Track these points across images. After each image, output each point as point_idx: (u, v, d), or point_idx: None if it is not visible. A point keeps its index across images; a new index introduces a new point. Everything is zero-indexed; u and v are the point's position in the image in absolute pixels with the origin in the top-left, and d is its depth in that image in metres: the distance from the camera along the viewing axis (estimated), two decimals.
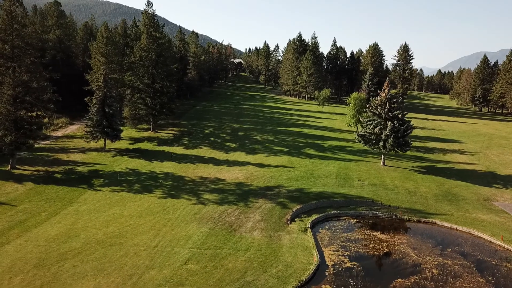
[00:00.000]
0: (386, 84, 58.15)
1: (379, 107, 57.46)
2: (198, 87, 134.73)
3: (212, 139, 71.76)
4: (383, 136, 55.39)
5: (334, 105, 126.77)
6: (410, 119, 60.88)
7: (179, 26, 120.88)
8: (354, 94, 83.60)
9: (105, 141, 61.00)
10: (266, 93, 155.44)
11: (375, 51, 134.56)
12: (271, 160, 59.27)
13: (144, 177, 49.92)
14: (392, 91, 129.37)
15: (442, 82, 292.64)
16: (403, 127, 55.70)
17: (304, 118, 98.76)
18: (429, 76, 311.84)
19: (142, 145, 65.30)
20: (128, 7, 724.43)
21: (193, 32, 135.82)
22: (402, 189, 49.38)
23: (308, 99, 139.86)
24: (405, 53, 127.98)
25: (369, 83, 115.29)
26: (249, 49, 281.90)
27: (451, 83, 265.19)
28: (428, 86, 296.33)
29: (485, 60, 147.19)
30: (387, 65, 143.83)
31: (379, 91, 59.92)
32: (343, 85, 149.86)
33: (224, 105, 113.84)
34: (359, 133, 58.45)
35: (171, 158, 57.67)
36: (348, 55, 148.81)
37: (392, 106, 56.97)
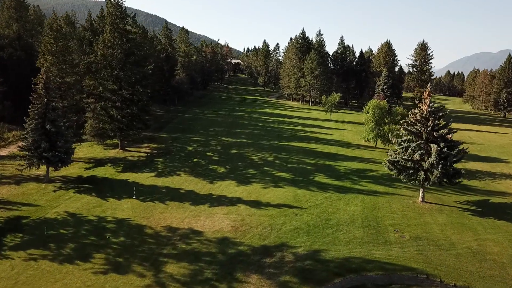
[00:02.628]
0: (427, 93, 42.63)
1: (418, 124, 41.95)
2: (189, 90, 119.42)
3: (195, 160, 56.24)
4: (426, 165, 39.86)
5: (342, 111, 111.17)
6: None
7: (165, 20, 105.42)
8: (373, 102, 68.26)
9: (47, 168, 45.49)
10: (266, 96, 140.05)
11: (389, 50, 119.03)
12: (271, 195, 43.74)
13: (86, 229, 34.40)
14: (412, 94, 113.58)
15: (451, 84, 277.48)
16: (453, 152, 40.23)
17: (310, 129, 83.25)
18: (437, 77, 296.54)
19: (102, 171, 49.78)
20: (128, 7, 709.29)
21: (182, 28, 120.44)
22: (462, 246, 33.84)
23: (313, 104, 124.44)
24: (423, 52, 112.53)
25: (384, 87, 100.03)
26: (248, 48, 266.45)
27: (461, 85, 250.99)
28: (436, 87, 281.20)
29: (509, 60, 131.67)
30: (401, 66, 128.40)
31: (418, 102, 44.35)
32: (350, 88, 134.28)
33: (216, 112, 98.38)
34: (391, 159, 42.86)
35: (133, 194, 42.17)
36: (357, 54, 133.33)
37: (437, 122, 41.50)
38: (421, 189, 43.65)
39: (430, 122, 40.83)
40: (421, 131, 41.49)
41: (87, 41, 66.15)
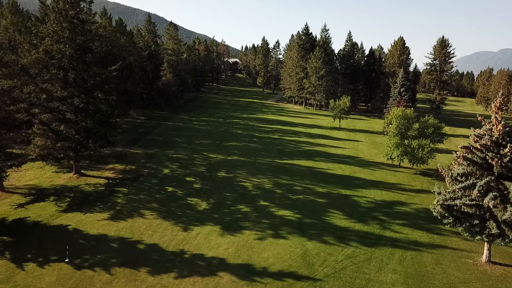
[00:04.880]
0: (497, 105, 29.15)
1: (486, 151, 28.53)
2: (178, 93, 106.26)
3: (170, 189, 42.82)
4: (505, 215, 26.41)
5: (351, 116, 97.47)
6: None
7: (149, 13, 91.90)
8: (397, 111, 54.83)
9: None
10: (264, 99, 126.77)
11: (403, 48, 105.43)
12: (269, 253, 30.31)
13: None
14: (429, 96, 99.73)
15: (459, 84, 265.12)
16: None
17: (317, 140, 69.91)
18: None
19: (38, 210, 36.38)
20: (126, 6, 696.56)
21: (171, 23, 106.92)
22: None
23: (317, 108, 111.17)
24: (443, 49, 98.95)
25: (401, 90, 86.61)
26: (246, 47, 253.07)
27: (471, 85, 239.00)
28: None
29: None
30: (416, 65, 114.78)
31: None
32: (359, 89, 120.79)
33: (207, 119, 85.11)
34: (445, 202, 29.38)
35: (66, 255, 28.74)
36: (366, 52, 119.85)
37: None
38: (486, 244, 30.24)
39: (507, 150, 27.37)
40: (492, 162, 28.04)
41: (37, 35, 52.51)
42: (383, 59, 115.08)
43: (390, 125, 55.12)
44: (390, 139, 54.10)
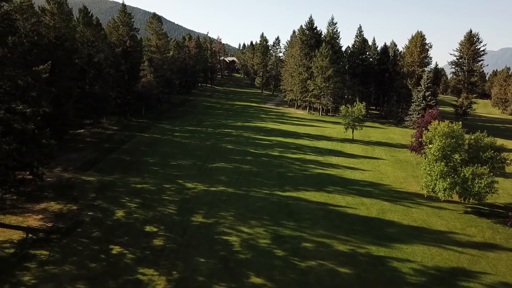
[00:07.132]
0: None
1: None
2: (162, 96, 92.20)
3: (115, 250, 28.44)
4: None
5: (364, 124, 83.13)
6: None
7: (123, 3, 77.32)
8: (440, 126, 40.37)
9: None
10: (263, 102, 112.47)
11: (423, 45, 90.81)
12: None
13: None
14: (455, 100, 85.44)
15: None
16: None
17: (328, 159, 55.56)
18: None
19: None
20: (125, 5, 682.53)
21: (154, 15, 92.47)
22: None
23: (323, 113, 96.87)
24: (472, 46, 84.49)
25: (426, 94, 72.25)
26: (244, 45, 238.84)
27: (482, 85, 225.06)
28: (453, 89, 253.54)
29: None
30: (436, 64, 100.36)
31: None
32: (370, 91, 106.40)
33: (193, 128, 70.83)
34: None
35: None
36: (379, 50, 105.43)
37: None
38: None
39: None
40: None
41: None
42: (397, 58, 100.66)
43: (430, 145, 40.71)
44: (430, 164, 39.67)
